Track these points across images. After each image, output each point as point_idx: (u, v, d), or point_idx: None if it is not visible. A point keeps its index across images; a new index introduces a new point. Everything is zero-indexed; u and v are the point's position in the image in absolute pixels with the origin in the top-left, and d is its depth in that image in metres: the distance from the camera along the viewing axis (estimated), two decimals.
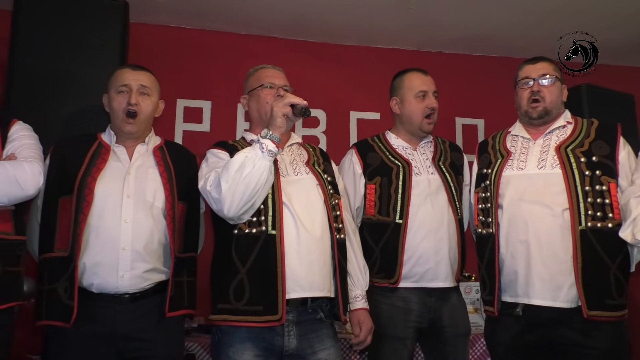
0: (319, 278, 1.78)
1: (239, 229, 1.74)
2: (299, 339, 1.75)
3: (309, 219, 1.79)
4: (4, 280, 1.62)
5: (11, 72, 2.25)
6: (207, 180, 1.74)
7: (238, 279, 1.71)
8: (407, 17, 3.10)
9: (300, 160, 1.93)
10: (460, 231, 2.12)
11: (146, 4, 2.88)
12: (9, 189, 1.61)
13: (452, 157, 2.22)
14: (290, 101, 1.72)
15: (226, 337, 1.73)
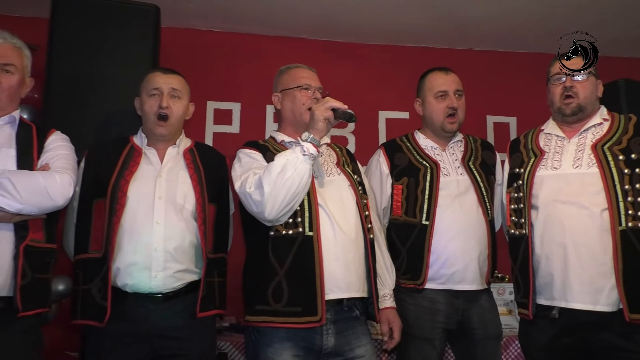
0: (355, 279, 1.78)
1: (275, 231, 1.75)
2: (336, 337, 1.75)
3: (344, 219, 1.80)
4: (32, 287, 1.66)
5: (49, 78, 2.32)
6: (245, 182, 1.73)
7: (276, 280, 1.72)
8: (435, 15, 3.07)
9: (330, 161, 1.94)
10: (491, 233, 2.08)
11: (176, 8, 2.94)
12: (39, 199, 1.64)
13: (484, 156, 2.19)
14: (332, 105, 1.73)
15: (264, 337, 1.74)
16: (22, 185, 1.61)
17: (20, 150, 1.72)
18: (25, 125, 1.80)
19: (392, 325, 1.90)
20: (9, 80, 1.76)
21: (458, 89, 2.15)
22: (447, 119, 2.12)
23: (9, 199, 1.59)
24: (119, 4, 2.42)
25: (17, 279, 1.61)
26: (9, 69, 1.76)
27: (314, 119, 1.73)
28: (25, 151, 1.73)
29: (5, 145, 1.71)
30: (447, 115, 2.12)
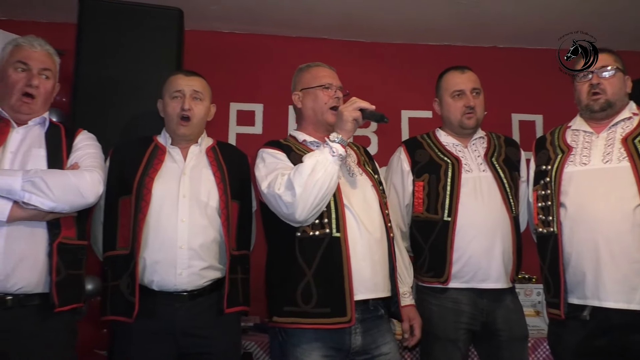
0: (382, 279, 1.79)
1: (302, 232, 1.74)
2: (363, 335, 1.75)
3: (369, 219, 1.80)
4: (67, 283, 1.69)
5: (76, 82, 2.38)
6: (274, 183, 1.73)
7: (305, 281, 1.71)
8: (458, 13, 3.04)
9: (351, 161, 1.93)
10: (516, 230, 2.05)
11: (200, 11, 2.97)
12: (70, 197, 1.67)
13: (507, 153, 2.16)
14: (359, 105, 1.73)
15: (292, 337, 1.73)
16: (55, 184, 1.64)
17: (50, 151, 1.77)
18: (54, 126, 1.85)
19: (412, 322, 1.91)
20: (46, 85, 1.81)
21: (475, 87, 2.13)
22: (464, 116, 2.11)
23: (43, 197, 1.62)
24: (144, 9, 2.47)
25: (53, 275, 1.65)
26: (47, 74, 1.81)
27: (342, 120, 1.73)
28: (54, 151, 1.77)
29: (35, 146, 1.76)
30: (463, 114, 2.11)
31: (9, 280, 1.60)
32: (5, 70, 1.78)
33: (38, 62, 1.79)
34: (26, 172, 1.64)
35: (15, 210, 1.61)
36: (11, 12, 3.02)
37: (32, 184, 1.61)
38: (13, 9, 3.00)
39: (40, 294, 1.66)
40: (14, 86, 1.76)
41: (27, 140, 1.76)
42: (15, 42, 1.82)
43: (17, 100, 1.76)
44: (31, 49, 1.80)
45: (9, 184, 1.60)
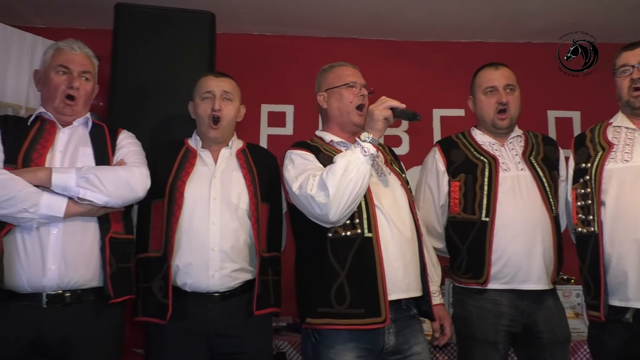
0: (414, 278, 1.78)
1: (334, 232, 1.74)
2: (396, 335, 1.74)
3: (400, 219, 1.79)
4: (119, 276, 1.75)
5: (112, 86, 2.44)
6: (305, 184, 1.72)
7: (338, 282, 1.71)
8: (491, 9, 2.99)
9: (380, 160, 1.92)
10: (556, 230, 1.99)
11: (231, 14, 3.01)
12: (122, 192, 1.73)
13: (546, 151, 2.10)
14: (390, 104, 1.73)
15: (326, 339, 1.73)
16: (107, 180, 1.70)
17: (96, 149, 1.83)
18: (97, 126, 1.90)
19: (442, 321, 1.91)
20: (86, 87, 1.87)
21: (509, 83, 2.08)
22: (497, 115, 2.07)
23: (97, 192, 1.68)
24: (177, 13, 2.51)
25: (107, 268, 1.71)
26: (86, 76, 1.87)
27: (373, 119, 1.72)
28: (100, 149, 1.83)
29: (82, 145, 1.82)
30: (497, 112, 2.07)
31: (66, 276, 1.66)
32: (48, 74, 1.84)
33: (78, 64, 1.85)
34: (79, 169, 1.70)
35: (70, 206, 1.66)
36: (51, 20, 3.13)
37: (86, 180, 1.68)
38: (52, 18, 3.10)
39: (95, 289, 1.72)
40: (57, 89, 1.82)
41: (73, 140, 1.83)
42: (56, 46, 1.89)
43: (59, 102, 1.82)
44: (71, 52, 1.86)
45: (65, 180, 1.66)
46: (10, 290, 1.64)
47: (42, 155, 1.74)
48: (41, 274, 1.63)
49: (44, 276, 1.63)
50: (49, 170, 1.68)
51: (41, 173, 1.67)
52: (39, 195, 1.64)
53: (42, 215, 1.63)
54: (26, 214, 1.61)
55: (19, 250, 1.64)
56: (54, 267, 1.64)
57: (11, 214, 1.61)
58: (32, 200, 1.62)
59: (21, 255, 1.64)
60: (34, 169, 1.68)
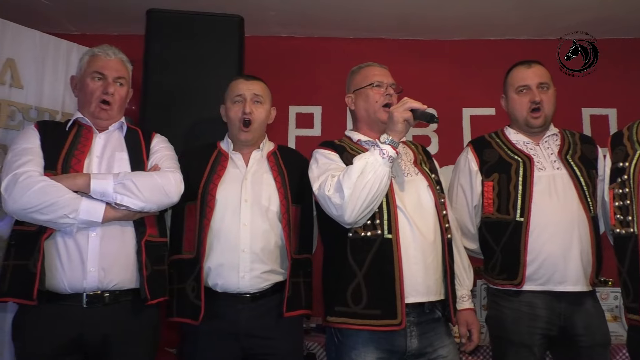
0: (434, 282, 1.75)
1: (354, 232, 1.74)
2: (419, 338, 1.73)
3: (422, 221, 1.77)
4: (154, 278, 1.79)
5: (145, 91, 2.49)
6: (324, 184, 1.74)
7: (355, 282, 1.71)
8: (522, 6, 2.93)
9: (407, 160, 1.90)
10: (594, 230, 1.94)
11: (259, 17, 3.03)
12: (158, 197, 1.78)
13: (583, 150, 2.05)
14: (410, 106, 1.71)
15: (348, 339, 1.74)
16: (143, 186, 1.75)
17: (131, 153, 1.87)
18: (131, 130, 1.95)
19: (470, 327, 1.87)
20: (120, 92, 1.92)
21: (542, 81, 2.04)
22: (530, 114, 2.03)
23: (133, 198, 1.73)
24: (207, 17, 2.55)
25: (143, 271, 1.75)
26: (121, 82, 1.92)
27: (392, 121, 1.71)
28: (135, 154, 1.88)
29: (118, 150, 1.87)
30: (530, 110, 2.02)
31: (106, 278, 1.70)
32: (84, 80, 1.90)
33: (113, 70, 1.90)
34: (116, 175, 1.75)
35: (108, 211, 1.71)
36: (85, 27, 3.22)
37: (123, 186, 1.72)
38: (86, 25, 3.19)
39: (132, 290, 1.76)
40: (92, 94, 1.87)
41: (109, 144, 1.88)
42: (91, 52, 1.94)
43: (95, 107, 1.87)
44: (106, 57, 1.91)
45: (103, 187, 1.71)
46: (51, 291, 1.68)
47: (80, 161, 1.79)
48: (81, 277, 1.68)
49: (84, 278, 1.68)
50: (87, 176, 1.73)
51: (80, 179, 1.72)
52: (79, 201, 1.68)
53: (82, 220, 1.68)
54: (66, 220, 1.66)
55: (60, 254, 1.69)
56: (93, 270, 1.69)
57: (52, 220, 1.66)
58: (72, 206, 1.67)
59: (62, 259, 1.69)
60: (73, 176, 1.73)
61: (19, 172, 1.68)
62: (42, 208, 1.64)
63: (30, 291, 1.63)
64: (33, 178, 1.67)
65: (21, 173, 1.68)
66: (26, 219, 1.68)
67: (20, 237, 1.72)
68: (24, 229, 1.71)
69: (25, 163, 1.71)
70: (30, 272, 1.65)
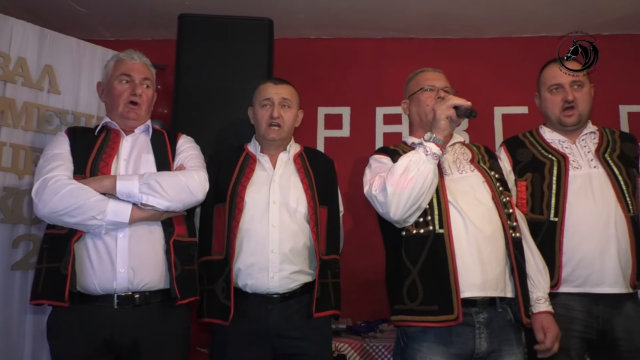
0: (492, 277, 1.70)
1: (406, 231, 1.73)
2: (489, 340, 1.69)
3: (477, 216, 1.73)
4: (184, 278, 1.79)
5: (176, 94, 2.54)
6: (372, 184, 1.75)
7: (410, 279, 1.70)
8: (557, 2, 2.86)
9: (463, 158, 1.88)
10: (634, 230, 1.87)
11: (288, 20, 3.05)
12: (183, 196, 1.78)
13: (623, 148, 1.98)
14: (453, 103, 1.69)
15: (413, 341, 1.72)
16: (168, 185, 1.75)
17: (157, 155, 1.89)
18: (157, 132, 1.98)
19: (546, 331, 1.75)
20: (147, 93, 1.95)
21: (576, 80, 1.99)
22: (563, 112, 1.98)
23: (159, 197, 1.74)
24: (236, 21, 2.59)
25: (172, 271, 1.76)
26: (147, 83, 1.95)
27: (435, 119, 1.70)
28: (161, 155, 1.90)
29: (144, 151, 1.89)
30: (562, 109, 1.98)
31: (135, 278, 1.72)
32: (111, 84, 1.93)
33: (139, 73, 1.93)
34: (141, 175, 1.77)
35: (135, 211, 1.73)
36: (119, 33, 3.29)
37: (149, 186, 1.73)
38: (120, 31, 3.27)
39: (162, 290, 1.77)
40: (120, 96, 1.90)
41: (136, 147, 1.90)
42: (117, 57, 1.97)
43: (124, 107, 1.90)
44: (132, 61, 1.94)
45: (129, 187, 1.72)
46: (82, 292, 1.71)
47: (107, 164, 1.81)
48: (112, 277, 1.70)
49: (114, 279, 1.70)
50: (113, 178, 1.75)
51: (106, 181, 1.74)
52: (106, 203, 1.70)
53: (109, 221, 1.70)
54: (95, 221, 1.68)
55: (90, 255, 1.71)
56: (123, 270, 1.70)
57: (81, 222, 1.68)
58: (99, 208, 1.69)
59: (92, 260, 1.71)
60: (99, 178, 1.75)
61: (49, 177, 1.71)
62: (70, 210, 1.67)
63: (62, 293, 1.65)
64: (61, 182, 1.70)
65: (50, 177, 1.71)
66: (56, 222, 1.71)
67: (51, 240, 1.74)
68: (55, 232, 1.73)
69: (54, 168, 1.74)
70: (62, 275, 1.67)
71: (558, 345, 1.75)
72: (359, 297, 2.67)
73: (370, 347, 2.33)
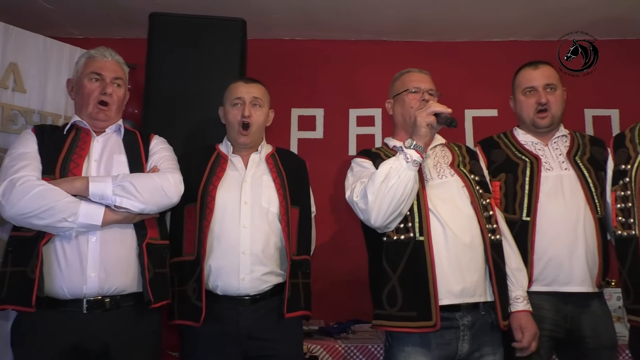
0: (470, 284, 1.72)
1: (387, 237, 1.75)
2: (470, 342, 1.72)
3: (457, 223, 1.75)
4: (157, 281, 1.76)
5: (147, 94, 2.50)
6: (353, 190, 1.76)
7: (390, 285, 1.72)
8: (526, 7, 2.92)
9: (444, 162, 1.89)
10: (601, 232, 1.92)
11: (262, 20, 3.03)
12: (157, 198, 1.75)
13: (593, 152, 2.04)
14: (434, 110, 1.70)
15: (397, 341, 1.74)
16: (142, 187, 1.72)
17: (130, 156, 1.85)
18: (129, 132, 1.93)
19: (523, 330, 1.76)
20: (118, 93, 1.89)
21: (549, 83, 2.03)
22: (536, 114, 2.03)
23: (133, 200, 1.70)
24: (209, 20, 2.56)
25: (146, 274, 1.73)
26: (118, 82, 1.90)
27: (415, 125, 1.71)
28: (134, 156, 1.86)
29: (116, 152, 1.85)
30: (536, 112, 2.02)
31: (107, 283, 1.68)
32: (81, 82, 1.87)
33: (110, 71, 1.88)
34: (115, 177, 1.72)
35: (108, 214, 1.68)
36: (88, 31, 3.22)
37: (122, 188, 1.69)
38: (89, 29, 3.20)
39: (134, 294, 1.74)
40: (90, 96, 1.85)
41: (107, 147, 1.85)
42: (87, 54, 1.91)
43: (93, 108, 1.85)
44: (103, 59, 1.89)
45: (102, 189, 1.68)
46: (50, 297, 1.65)
47: (78, 165, 1.76)
48: (82, 282, 1.66)
49: (84, 284, 1.66)
50: (85, 179, 1.70)
51: (78, 183, 1.69)
52: (77, 205, 1.65)
53: (81, 224, 1.65)
54: (65, 224, 1.63)
55: (58, 259, 1.66)
56: (94, 275, 1.67)
57: (51, 224, 1.63)
58: (70, 210, 1.64)
59: (61, 264, 1.66)
60: (71, 179, 1.71)
61: (16, 177, 1.65)
62: (40, 212, 1.61)
63: (29, 298, 1.59)
64: (30, 182, 1.64)
65: (18, 178, 1.65)
66: (24, 224, 1.65)
67: (17, 243, 1.68)
68: (22, 234, 1.68)
69: (22, 168, 1.68)
70: (29, 279, 1.61)
71: (536, 344, 1.77)
72: (331, 298, 2.68)
73: (343, 348, 2.33)
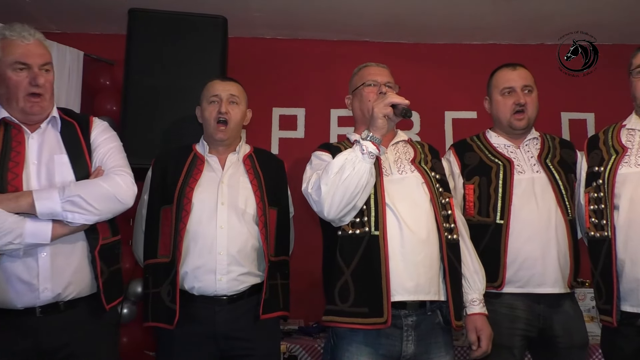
0: (425, 281, 1.71)
1: (342, 230, 1.72)
2: (416, 344, 1.70)
3: (414, 219, 1.73)
4: (111, 281, 1.72)
5: (126, 91, 2.46)
6: (309, 182, 1.73)
7: (343, 280, 1.69)
8: (506, 11, 2.96)
9: (405, 158, 1.88)
10: (572, 233, 1.96)
11: (244, 18, 3.01)
12: (111, 206, 1.67)
13: (563, 154, 2.06)
14: (391, 101, 1.66)
15: (342, 341, 1.71)
16: (93, 198, 1.62)
17: (71, 154, 1.71)
18: (66, 123, 1.76)
19: (479, 333, 1.78)
20: (49, 78, 1.70)
21: (526, 84, 2.06)
22: (514, 115, 2.04)
23: (86, 214, 1.61)
24: (190, 18, 2.54)
25: (99, 280, 1.68)
26: (47, 67, 1.69)
27: (372, 117, 1.68)
28: (76, 153, 1.71)
29: (56, 152, 1.69)
30: (513, 112, 2.04)
31: (60, 295, 1.62)
32: (4, 73, 1.64)
33: (37, 57, 1.65)
34: (61, 190, 1.60)
35: (56, 229, 1.59)
36: (65, 25, 3.16)
37: (72, 203, 1.59)
38: (67, 23, 3.14)
39: (89, 296, 1.70)
40: (18, 88, 1.64)
41: (45, 146, 1.69)
42: (2, 36, 1.65)
43: (25, 102, 1.65)
44: (24, 41, 1.64)
45: (50, 207, 1.57)
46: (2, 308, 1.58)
47: (17, 175, 1.61)
48: (35, 297, 1.59)
49: (37, 298, 1.59)
50: (30, 196, 1.57)
51: (23, 201, 1.56)
52: (22, 224, 1.55)
53: (28, 244, 1.56)
54: (11, 246, 1.54)
55: (8, 277, 1.58)
56: (47, 288, 1.60)
57: None
58: (16, 232, 1.53)
59: (12, 281, 1.58)
60: (15, 196, 1.57)
61: None
62: None
63: None
64: None
65: None
66: None
67: None
68: None
69: None
70: None
71: (490, 345, 1.79)
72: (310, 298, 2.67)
73: (322, 348, 2.34)
